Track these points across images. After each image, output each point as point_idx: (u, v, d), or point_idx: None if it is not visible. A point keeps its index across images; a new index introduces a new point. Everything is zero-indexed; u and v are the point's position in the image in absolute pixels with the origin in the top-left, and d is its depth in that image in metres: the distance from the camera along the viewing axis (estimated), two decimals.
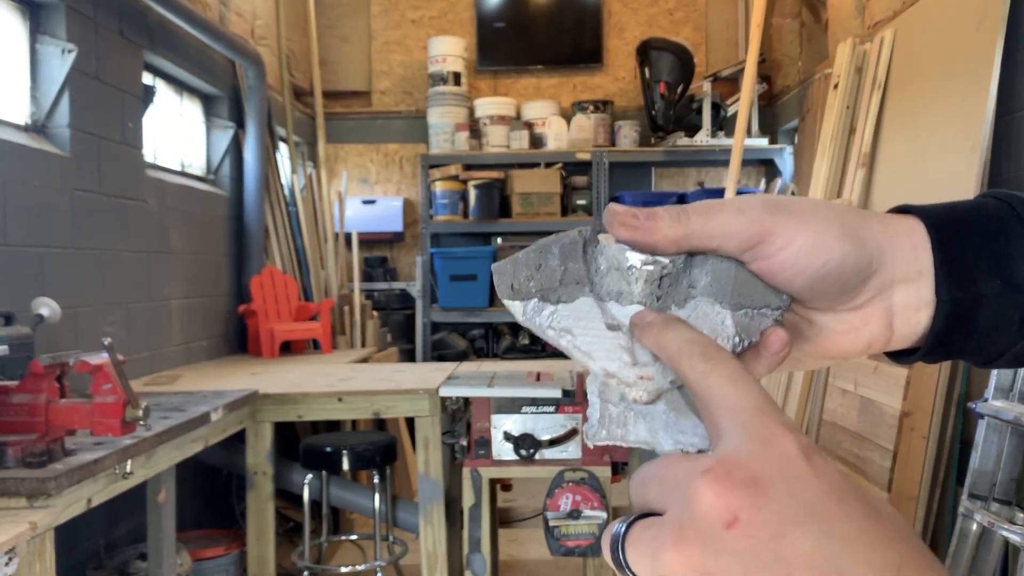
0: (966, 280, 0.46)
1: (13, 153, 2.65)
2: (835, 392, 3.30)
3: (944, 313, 0.47)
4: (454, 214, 5.85)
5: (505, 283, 0.43)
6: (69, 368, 1.83)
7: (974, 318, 0.47)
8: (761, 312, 0.43)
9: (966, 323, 0.47)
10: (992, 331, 0.47)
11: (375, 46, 6.45)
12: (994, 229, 0.47)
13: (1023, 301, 0.46)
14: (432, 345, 5.90)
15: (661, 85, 5.67)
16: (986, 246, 0.46)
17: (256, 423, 3.03)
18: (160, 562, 2.42)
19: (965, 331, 0.47)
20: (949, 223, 0.47)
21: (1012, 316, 0.47)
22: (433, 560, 3.07)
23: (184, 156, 4.26)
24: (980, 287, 0.46)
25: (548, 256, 0.43)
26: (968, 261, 0.46)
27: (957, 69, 2.98)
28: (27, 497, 1.67)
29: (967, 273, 0.46)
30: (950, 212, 0.47)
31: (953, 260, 0.46)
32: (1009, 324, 0.47)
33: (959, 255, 0.46)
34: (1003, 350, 0.48)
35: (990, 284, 0.46)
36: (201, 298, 4.11)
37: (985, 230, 0.47)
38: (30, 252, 2.71)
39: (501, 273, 0.43)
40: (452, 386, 3.04)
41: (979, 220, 0.47)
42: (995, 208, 0.47)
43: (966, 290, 0.46)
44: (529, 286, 0.43)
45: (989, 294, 0.46)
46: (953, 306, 0.46)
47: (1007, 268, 0.46)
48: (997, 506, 2.27)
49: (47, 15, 2.94)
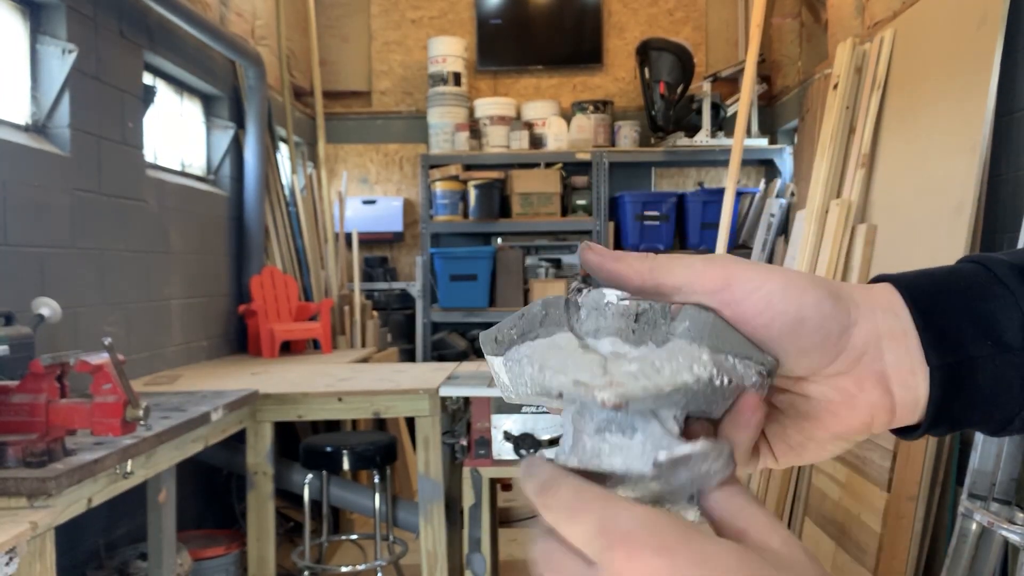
0: (955, 345, 0.44)
1: (13, 153, 2.65)
2: None
3: (940, 381, 0.45)
4: (454, 214, 5.85)
5: (490, 340, 0.44)
6: (69, 368, 1.83)
7: (971, 383, 0.45)
8: (744, 362, 0.42)
9: (964, 389, 0.45)
10: (992, 395, 0.45)
11: (375, 46, 6.45)
12: (975, 292, 0.45)
13: (1018, 361, 0.45)
14: (432, 345, 5.90)
15: (661, 85, 5.68)
16: (968, 309, 0.45)
17: (256, 423, 3.03)
18: (160, 562, 2.42)
19: (965, 398, 0.45)
20: (925, 288, 0.46)
21: (1011, 377, 0.45)
22: (433, 560, 3.08)
23: (184, 156, 4.26)
24: (971, 350, 0.44)
25: (532, 307, 0.45)
26: (952, 325, 0.45)
27: (957, 69, 2.98)
28: (27, 497, 1.67)
29: (954, 338, 0.45)
30: (925, 278, 0.46)
31: (936, 325, 0.45)
32: (1009, 386, 0.45)
33: (941, 320, 0.45)
34: (1010, 415, 0.46)
35: (980, 346, 0.44)
36: (201, 298, 4.11)
37: (965, 293, 0.45)
38: (30, 252, 2.71)
39: (487, 335, 0.45)
40: (452, 386, 3.04)
41: (957, 284, 0.46)
42: (971, 272, 0.46)
43: (957, 354, 0.44)
44: (511, 333, 0.44)
45: (981, 356, 0.44)
46: (946, 371, 0.45)
47: (994, 329, 0.44)
48: (997, 506, 2.27)
49: (47, 15, 2.94)
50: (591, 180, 5.84)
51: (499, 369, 0.44)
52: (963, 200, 2.81)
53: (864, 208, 3.58)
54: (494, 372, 0.45)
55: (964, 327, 0.45)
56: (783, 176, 5.59)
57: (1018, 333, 0.44)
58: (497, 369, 0.44)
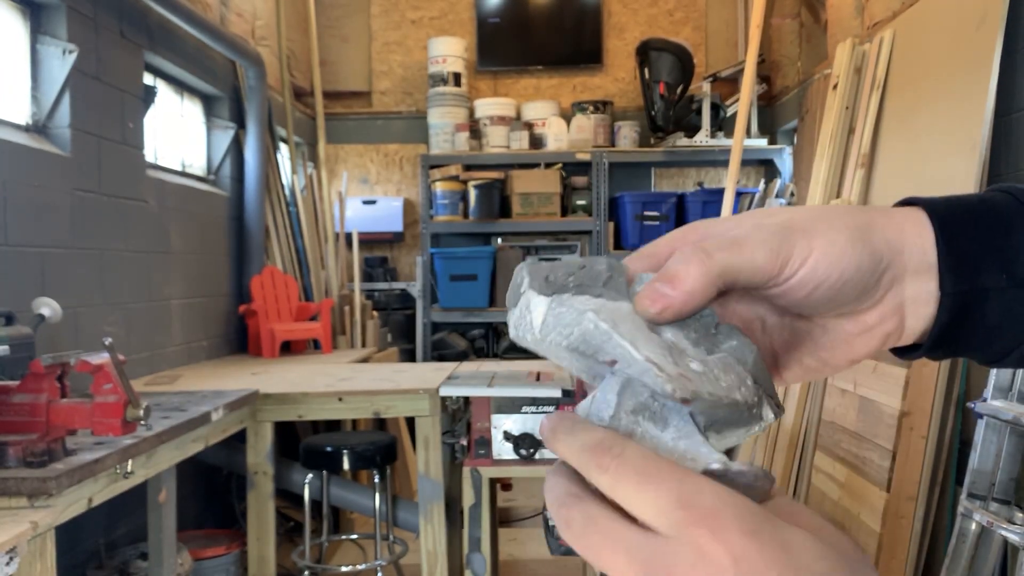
0: (971, 273, 0.45)
1: (14, 153, 2.66)
2: (834, 392, 3.30)
3: (948, 307, 0.46)
4: (454, 214, 5.85)
5: (540, 277, 0.41)
6: (70, 368, 1.84)
7: (979, 312, 0.46)
8: (769, 401, 0.42)
9: (971, 317, 0.46)
10: (998, 327, 0.46)
11: (375, 46, 6.45)
12: (1001, 223, 0.46)
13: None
14: (432, 345, 5.90)
15: (661, 85, 5.68)
16: (992, 240, 0.45)
17: (256, 423, 3.03)
18: (160, 562, 2.42)
19: (970, 326, 0.46)
20: (954, 216, 0.46)
21: (1019, 312, 0.46)
22: (433, 560, 3.08)
23: (184, 156, 4.26)
24: (985, 280, 0.45)
25: (595, 263, 0.42)
26: (973, 254, 0.45)
27: (957, 69, 2.98)
28: (28, 497, 1.68)
29: (972, 266, 0.45)
30: (956, 205, 0.47)
31: (958, 253, 0.45)
32: (1016, 320, 0.46)
33: (964, 248, 0.45)
34: (1010, 348, 0.47)
35: (996, 278, 0.45)
36: (201, 298, 4.11)
37: (991, 224, 0.46)
38: (31, 252, 2.72)
39: (536, 269, 0.42)
40: (452, 386, 3.04)
41: (986, 214, 0.46)
42: (1002, 202, 0.47)
43: (971, 283, 0.45)
44: (568, 281, 0.41)
45: (995, 288, 0.45)
46: (958, 299, 0.46)
47: (1014, 262, 0.45)
48: (996, 506, 2.27)
49: (48, 15, 2.94)
50: (591, 180, 5.85)
51: (535, 308, 0.41)
52: None
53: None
54: (523, 308, 0.41)
55: (983, 257, 0.45)
56: (783, 176, 5.59)
57: None
58: (533, 307, 0.41)
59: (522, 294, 0.41)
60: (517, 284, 0.42)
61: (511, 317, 0.42)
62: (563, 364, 0.43)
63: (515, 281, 0.42)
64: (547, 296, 0.40)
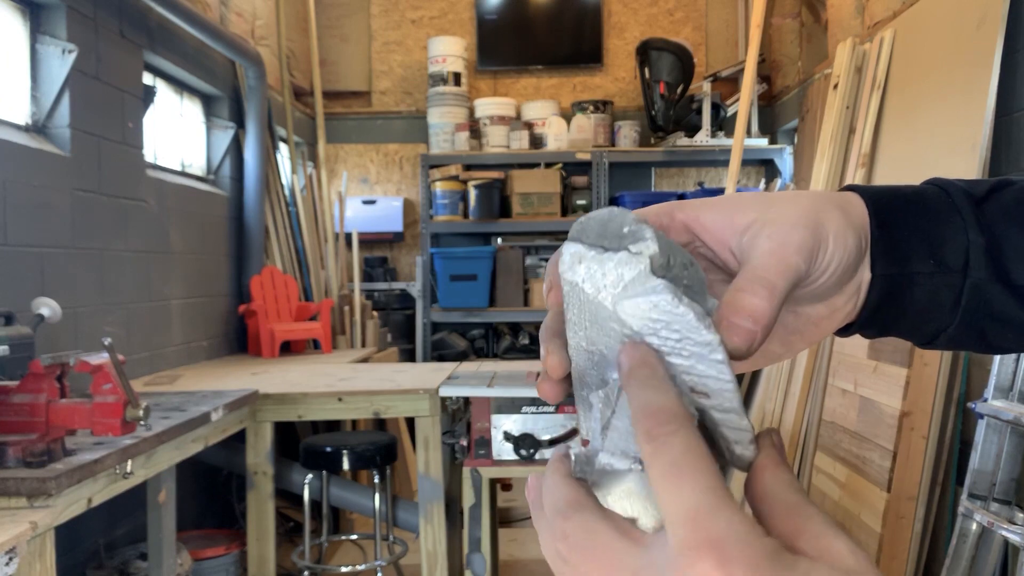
0: (901, 258, 0.48)
1: (13, 153, 2.65)
2: (835, 392, 3.30)
3: (879, 288, 0.48)
4: (454, 214, 5.85)
5: (665, 253, 0.39)
6: (69, 368, 1.83)
7: (907, 295, 0.49)
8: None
9: (900, 300, 0.49)
10: (925, 310, 0.49)
11: (375, 46, 6.45)
12: (931, 213, 0.49)
13: (955, 283, 0.48)
14: (432, 345, 5.90)
15: (661, 85, 5.68)
16: (921, 228, 0.49)
17: (256, 423, 3.03)
18: (160, 562, 2.42)
19: (899, 307, 0.49)
20: (889, 204, 0.49)
21: (945, 296, 0.49)
22: (433, 560, 3.08)
23: (184, 156, 4.26)
24: (914, 265, 0.48)
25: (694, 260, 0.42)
26: (903, 239, 0.48)
27: (957, 69, 2.98)
28: (27, 497, 1.67)
29: (903, 252, 0.48)
30: (891, 194, 0.49)
31: (889, 238, 0.48)
32: (942, 304, 0.49)
33: (896, 234, 0.48)
34: (938, 330, 0.50)
35: (924, 264, 0.48)
36: (201, 298, 4.11)
37: (922, 213, 0.49)
38: (30, 252, 2.71)
39: (666, 244, 0.39)
40: (452, 386, 3.04)
41: (918, 204, 0.49)
42: (933, 194, 0.50)
43: (901, 267, 0.48)
44: (683, 273, 0.40)
45: (922, 272, 0.48)
46: (887, 281, 0.48)
47: (940, 250, 0.48)
48: (997, 506, 2.27)
49: (47, 15, 2.94)
50: (591, 180, 5.85)
51: (646, 286, 0.38)
52: None
53: None
54: (621, 267, 0.39)
55: (913, 243, 0.48)
56: (783, 176, 5.59)
57: (960, 257, 0.48)
58: (640, 282, 0.38)
59: (635, 254, 0.38)
60: (630, 233, 0.39)
61: (584, 252, 0.40)
62: (577, 323, 0.41)
63: (625, 226, 0.39)
64: (660, 279, 0.38)
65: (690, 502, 0.33)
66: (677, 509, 0.33)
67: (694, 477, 0.33)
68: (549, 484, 0.39)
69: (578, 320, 0.41)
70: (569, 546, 0.37)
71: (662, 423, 0.35)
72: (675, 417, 0.35)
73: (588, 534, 0.36)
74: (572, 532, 0.37)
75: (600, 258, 0.39)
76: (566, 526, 0.37)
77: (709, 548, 0.32)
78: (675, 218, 0.46)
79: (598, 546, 0.36)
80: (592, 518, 0.37)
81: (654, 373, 0.37)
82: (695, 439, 0.35)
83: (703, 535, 0.32)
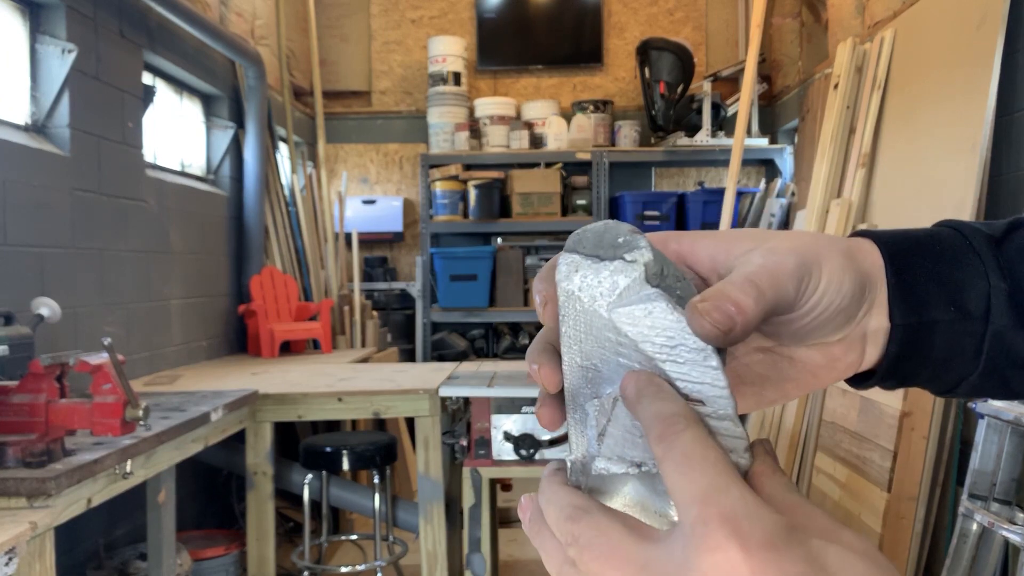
0: (920, 305, 0.46)
1: (13, 153, 2.65)
2: (835, 392, 3.30)
3: (898, 338, 0.46)
4: (454, 214, 5.85)
5: (659, 263, 0.40)
6: (69, 368, 1.83)
7: (928, 344, 0.47)
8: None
9: (920, 349, 0.47)
10: (946, 359, 0.47)
11: (375, 46, 6.45)
12: (947, 257, 0.47)
13: (976, 329, 0.46)
14: (432, 345, 5.90)
15: (661, 85, 5.67)
16: (939, 273, 0.46)
17: (256, 423, 3.03)
18: (160, 562, 2.42)
19: (919, 357, 0.47)
20: (903, 249, 0.47)
21: (966, 344, 0.47)
22: (433, 560, 3.08)
23: (184, 156, 4.26)
24: (933, 313, 0.46)
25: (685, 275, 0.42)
26: (921, 287, 0.46)
27: (957, 69, 2.98)
28: (27, 497, 1.67)
29: (921, 299, 0.46)
30: (904, 239, 0.48)
31: (906, 285, 0.46)
32: (963, 352, 0.47)
33: (912, 280, 0.46)
34: (959, 379, 0.48)
35: (943, 310, 0.46)
36: (201, 298, 4.11)
37: (938, 257, 0.47)
38: (30, 252, 2.71)
39: (660, 258, 0.41)
40: (452, 386, 3.04)
41: (932, 248, 0.47)
42: (948, 236, 0.48)
43: (920, 315, 0.46)
44: (676, 285, 0.41)
45: (942, 320, 0.46)
46: (907, 331, 0.46)
47: (960, 296, 0.46)
48: (997, 506, 2.27)
49: (47, 15, 2.94)
50: (591, 180, 5.84)
51: (636, 294, 0.39)
52: (963, 200, 2.81)
53: (864, 208, 3.58)
54: (614, 275, 0.40)
55: (931, 290, 0.46)
56: (783, 176, 5.59)
57: (981, 302, 0.46)
58: (633, 292, 0.39)
59: (629, 262, 0.40)
60: (625, 243, 0.40)
61: (580, 261, 0.40)
62: (572, 336, 0.41)
63: (620, 236, 0.40)
64: (654, 287, 0.39)
65: (701, 483, 0.34)
66: (689, 492, 0.34)
67: (703, 462, 0.35)
68: (548, 494, 0.39)
69: (573, 333, 0.41)
70: (580, 548, 0.36)
71: (671, 424, 0.36)
72: (683, 417, 0.37)
73: (599, 534, 0.36)
74: (582, 534, 0.37)
75: (596, 267, 0.40)
76: (575, 529, 0.37)
77: (722, 522, 0.32)
78: (669, 247, 0.45)
79: (610, 544, 0.36)
80: (601, 518, 0.37)
81: (661, 388, 0.38)
82: (703, 432, 0.36)
83: (715, 510, 0.33)
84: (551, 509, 0.38)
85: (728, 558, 0.32)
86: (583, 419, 0.41)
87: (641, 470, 0.39)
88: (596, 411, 0.41)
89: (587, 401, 0.41)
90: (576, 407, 0.41)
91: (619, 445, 0.40)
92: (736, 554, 0.32)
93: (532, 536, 0.40)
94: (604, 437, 0.40)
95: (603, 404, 0.40)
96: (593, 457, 0.40)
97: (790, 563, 0.32)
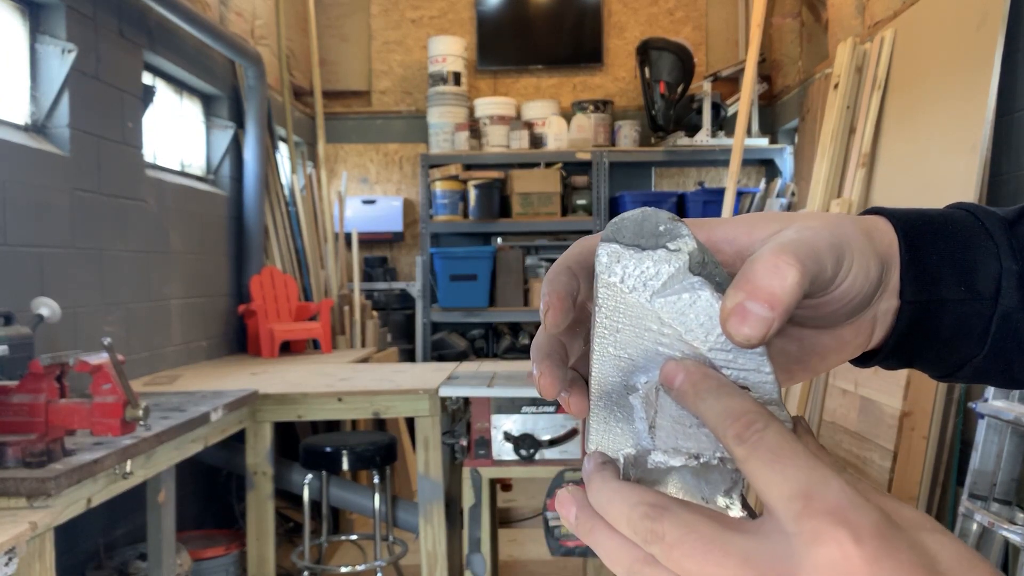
0: (930, 283, 0.46)
1: (13, 153, 2.65)
2: (835, 392, 3.30)
3: (907, 315, 0.46)
4: (454, 214, 5.85)
5: (700, 254, 0.40)
6: (69, 368, 1.83)
7: (935, 322, 0.47)
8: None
9: (927, 327, 0.47)
10: (953, 338, 0.47)
11: (375, 46, 6.44)
12: (960, 238, 0.47)
13: (984, 310, 0.47)
14: (432, 345, 5.90)
15: (661, 85, 5.67)
16: (952, 253, 0.47)
17: (256, 423, 3.03)
18: (160, 562, 2.42)
19: (926, 335, 0.47)
20: (917, 228, 0.47)
21: (974, 324, 0.47)
22: (433, 560, 3.07)
23: (184, 156, 4.26)
24: (943, 291, 0.46)
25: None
26: (934, 265, 0.46)
27: (957, 69, 2.98)
28: (27, 497, 1.67)
29: (932, 276, 0.46)
30: (919, 218, 0.48)
31: (919, 263, 0.46)
32: (970, 332, 0.47)
33: (925, 259, 0.46)
34: (964, 360, 0.48)
35: (954, 289, 0.46)
36: (201, 298, 4.11)
37: (952, 238, 0.47)
38: (30, 252, 2.71)
39: (704, 248, 0.40)
40: (452, 386, 3.04)
41: (946, 228, 0.47)
42: (962, 218, 0.48)
43: (930, 293, 0.46)
44: (716, 270, 0.40)
45: (952, 299, 0.46)
46: (916, 308, 0.46)
47: (971, 275, 0.46)
48: (997, 506, 2.27)
49: (47, 15, 2.94)
50: (591, 180, 5.84)
51: (685, 286, 0.39)
52: (963, 200, 2.80)
53: (865, 208, 3.58)
54: (658, 264, 0.39)
55: (943, 269, 0.46)
56: (783, 176, 5.59)
57: (991, 283, 0.46)
58: (682, 285, 0.39)
59: (673, 251, 0.39)
60: (666, 231, 0.39)
61: (621, 251, 0.40)
62: (608, 326, 0.40)
63: (661, 224, 0.40)
64: (697, 275, 0.39)
65: (798, 480, 0.34)
66: (787, 490, 0.34)
67: (795, 459, 0.34)
68: (609, 492, 0.38)
69: (609, 323, 0.40)
70: (669, 546, 0.35)
71: (748, 425, 0.36)
72: (760, 416, 0.36)
73: (687, 530, 0.35)
74: (668, 532, 0.36)
75: (638, 256, 0.40)
76: (657, 528, 0.36)
77: (830, 516, 0.33)
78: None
79: (703, 540, 0.35)
80: (685, 514, 0.36)
81: (720, 381, 0.38)
82: (784, 428, 0.36)
83: (820, 506, 0.33)
84: (617, 507, 0.37)
85: (843, 551, 0.32)
86: (618, 410, 0.41)
87: (699, 462, 0.39)
88: (642, 404, 0.40)
89: (616, 391, 0.41)
90: (604, 396, 0.41)
91: (671, 437, 0.40)
92: (850, 546, 0.32)
93: (584, 535, 0.39)
94: (655, 430, 0.40)
95: (647, 395, 0.40)
96: (648, 451, 0.40)
97: (900, 551, 0.32)
